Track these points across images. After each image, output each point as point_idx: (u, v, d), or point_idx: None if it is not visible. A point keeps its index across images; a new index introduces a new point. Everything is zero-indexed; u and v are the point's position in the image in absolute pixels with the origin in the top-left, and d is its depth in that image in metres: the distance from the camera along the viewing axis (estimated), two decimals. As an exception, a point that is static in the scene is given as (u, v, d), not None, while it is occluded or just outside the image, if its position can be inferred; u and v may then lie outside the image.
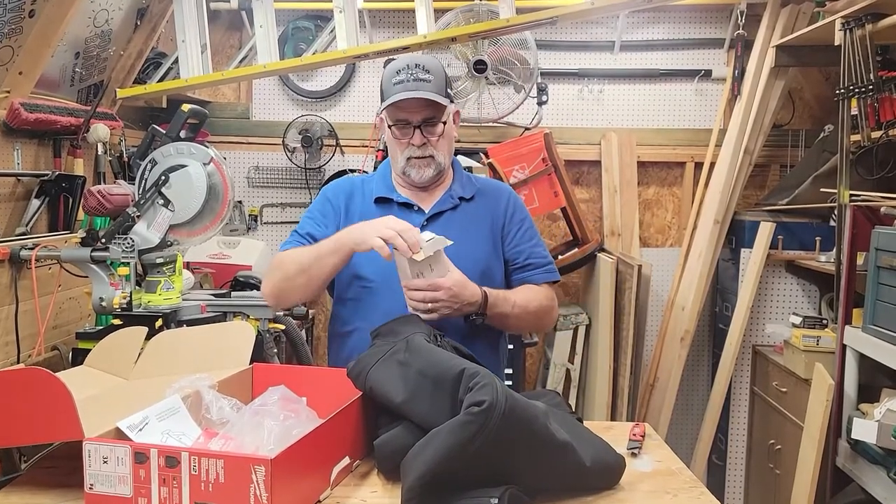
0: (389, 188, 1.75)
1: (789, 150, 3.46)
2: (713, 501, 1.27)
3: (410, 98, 1.60)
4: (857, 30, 2.38)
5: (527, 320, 1.74)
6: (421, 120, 1.64)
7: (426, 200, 1.73)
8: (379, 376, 1.35)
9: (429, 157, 1.67)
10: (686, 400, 3.56)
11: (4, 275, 2.19)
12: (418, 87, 1.60)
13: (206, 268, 3.20)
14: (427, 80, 1.61)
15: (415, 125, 1.64)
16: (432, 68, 1.64)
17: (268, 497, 1.04)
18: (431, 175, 1.69)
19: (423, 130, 1.64)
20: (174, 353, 1.62)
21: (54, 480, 1.27)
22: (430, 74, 1.62)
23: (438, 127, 1.65)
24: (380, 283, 1.66)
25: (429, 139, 1.65)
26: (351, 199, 1.76)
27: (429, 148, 1.66)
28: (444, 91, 1.65)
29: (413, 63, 1.63)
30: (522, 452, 1.19)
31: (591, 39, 3.57)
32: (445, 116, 1.66)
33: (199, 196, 2.15)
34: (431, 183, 1.72)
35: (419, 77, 1.61)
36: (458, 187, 1.75)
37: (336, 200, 1.76)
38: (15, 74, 2.36)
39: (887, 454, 2.04)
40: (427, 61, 1.65)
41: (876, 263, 2.12)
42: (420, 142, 1.65)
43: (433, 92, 1.61)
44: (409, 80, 1.61)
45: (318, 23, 3.47)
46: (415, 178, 1.69)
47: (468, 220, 1.72)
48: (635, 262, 3.03)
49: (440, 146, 1.67)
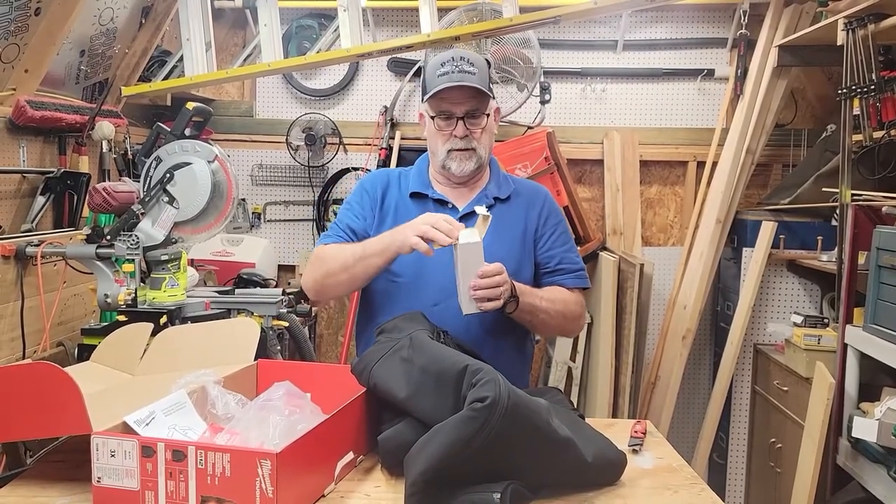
0: (425, 183, 1.75)
1: (791, 149, 3.47)
2: (714, 498, 1.28)
3: (455, 89, 1.61)
4: (860, 30, 2.38)
5: (555, 318, 1.69)
6: (465, 111, 1.64)
7: (461, 198, 1.74)
8: (382, 372, 1.36)
9: (471, 150, 1.67)
10: (687, 398, 3.56)
11: (10, 271, 2.20)
12: (463, 79, 1.61)
13: (210, 265, 3.22)
14: (472, 73, 1.62)
15: (458, 116, 1.65)
16: (476, 62, 1.65)
17: (273, 491, 1.05)
18: (472, 168, 1.69)
19: (467, 122, 1.65)
20: (179, 349, 1.64)
21: (62, 474, 1.28)
22: (474, 67, 1.63)
23: (482, 119, 1.66)
24: (408, 280, 1.67)
25: (472, 131, 1.66)
26: (388, 189, 1.77)
27: (472, 140, 1.66)
28: (487, 85, 1.66)
29: (458, 56, 1.64)
30: (525, 448, 1.20)
31: (594, 39, 3.57)
32: (489, 109, 1.67)
33: (203, 194, 2.16)
34: (470, 178, 1.72)
35: (464, 69, 1.62)
36: (494, 187, 1.75)
37: (373, 191, 1.77)
38: (21, 72, 2.37)
39: (888, 453, 2.04)
40: (471, 55, 1.66)
41: (877, 263, 2.12)
42: (463, 133, 1.65)
43: (479, 83, 1.62)
44: (455, 72, 1.61)
45: (322, 21, 3.48)
46: (455, 170, 1.69)
47: (501, 221, 1.70)
48: (637, 260, 3.03)
49: (482, 139, 1.68)
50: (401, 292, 1.68)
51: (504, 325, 1.66)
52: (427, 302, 1.62)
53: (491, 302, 1.50)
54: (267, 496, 1.05)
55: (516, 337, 1.74)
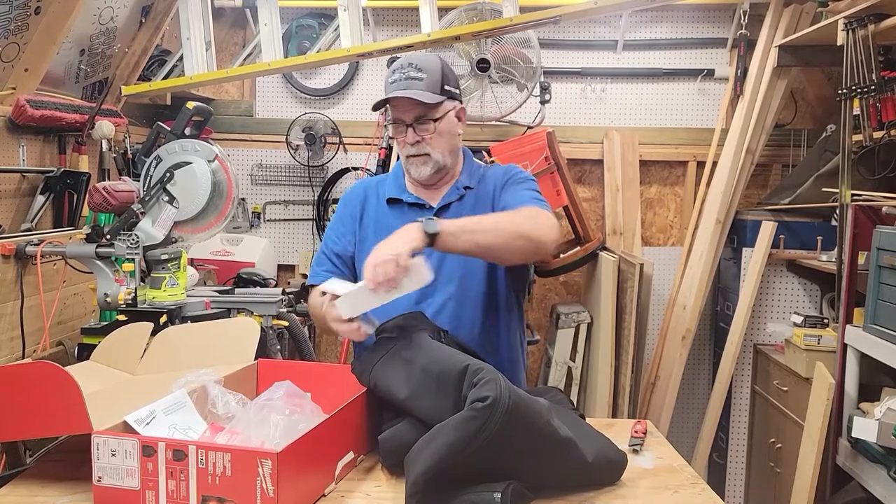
0: (401, 188, 1.76)
1: (791, 149, 3.47)
2: (714, 497, 1.28)
3: (399, 97, 1.61)
4: (860, 30, 2.38)
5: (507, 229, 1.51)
6: (413, 118, 1.64)
7: (434, 196, 1.74)
8: (383, 372, 1.36)
9: (424, 155, 1.66)
10: (687, 398, 3.57)
11: (10, 270, 2.20)
12: (408, 86, 1.61)
13: (210, 264, 3.22)
14: (418, 79, 1.61)
15: (408, 123, 1.65)
16: (426, 66, 1.63)
17: (274, 490, 1.05)
18: (429, 173, 1.68)
19: (416, 129, 1.65)
20: (180, 348, 1.64)
21: (62, 473, 1.28)
22: (422, 73, 1.62)
23: (429, 125, 1.64)
24: None
25: (423, 137, 1.65)
26: (366, 202, 1.78)
27: (423, 146, 1.66)
28: (440, 88, 1.64)
29: (407, 62, 1.64)
30: (525, 448, 1.20)
31: (594, 38, 3.57)
32: (440, 113, 1.65)
33: (203, 193, 2.16)
34: (433, 181, 1.72)
35: (410, 76, 1.61)
36: (465, 178, 1.75)
37: (352, 207, 1.78)
38: (20, 71, 2.37)
39: (887, 453, 2.04)
40: (422, 59, 1.65)
41: (877, 263, 2.12)
42: (413, 140, 1.65)
43: (422, 90, 1.61)
44: (401, 80, 1.62)
45: (322, 21, 3.48)
46: (414, 175, 1.70)
47: (472, 208, 1.71)
48: (637, 260, 3.03)
49: (435, 144, 1.66)
50: None
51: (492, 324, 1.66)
52: (412, 300, 1.62)
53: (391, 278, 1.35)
54: (268, 496, 1.05)
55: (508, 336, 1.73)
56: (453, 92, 1.69)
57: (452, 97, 1.68)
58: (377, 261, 1.35)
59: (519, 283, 1.76)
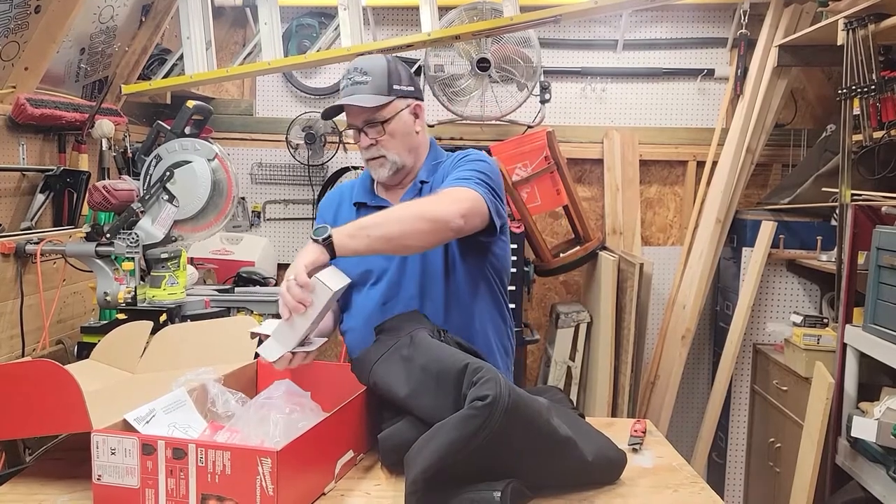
0: (367, 191, 1.76)
1: (791, 149, 3.47)
2: (713, 496, 1.28)
3: (347, 104, 1.62)
4: (860, 30, 2.38)
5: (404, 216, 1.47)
6: (363, 122, 1.64)
7: (397, 196, 1.73)
8: (383, 371, 1.36)
9: (380, 158, 1.66)
10: (686, 398, 3.57)
11: (9, 269, 2.20)
12: (353, 92, 1.61)
13: (210, 263, 3.21)
14: (363, 83, 1.61)
15: (359, 128, 1.65)
16: (371, 69, 1.62)
17: (274, 489, 1.05)
18: (387, 174, 1.67)
19: (368, 132, 1.64)
20: (179, 347, 1.64)
21: (62, 472, 1.28)
22: (366, 76, 1.61)
23: (378, 127, 1.63)
24: (357, 282, 1.67)
25: (376, 139, 1.64)
26: (340, 208, 1.78)
27: (377, 148, 1.65)
28: (387, 89, 1.62)
29: (353, 67, 1.64)
30: (525, 447, 1.20)
31: (595, 38, 3.57)
32: (389, 114, 1.63)
33: (203, 192, 2.16)
34: (396, 181, 1.71)
35: (356, 80, 1.61)
36: (424, 172, 1.73)
37: (327, 216, 1.79)
38: (20, 70, 2.37)
39: (887, 452, 2.04)
40: (367, 62, 1.64)
41: (877, 263, 2.12)
42: (366, 143, 1.65)
43: (367, 94, 1.60)
44: (348, 86, 1.62)
45: (323, 20, 3.48)
46: (375, 177, 1.71)
47: None
48: (637, 260, 3.04)
49: (389, 144, 1.65)
50: (352, 295, 1.69)
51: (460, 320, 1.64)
52: (377, 301, 1.64)
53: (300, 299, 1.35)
54: (267, 494, 1.06)
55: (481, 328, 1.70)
56: (404, 90, 1.66)
57: (405, 95, 1.66)
58: (282, 287, 1.36)
59: (485, 273, 1.70)
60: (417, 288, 1.64)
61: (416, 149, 1.72)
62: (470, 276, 1.68)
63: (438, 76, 3.29)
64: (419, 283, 1.64)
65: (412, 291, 1.64)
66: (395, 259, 1.63)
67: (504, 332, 1.76)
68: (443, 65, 3.31)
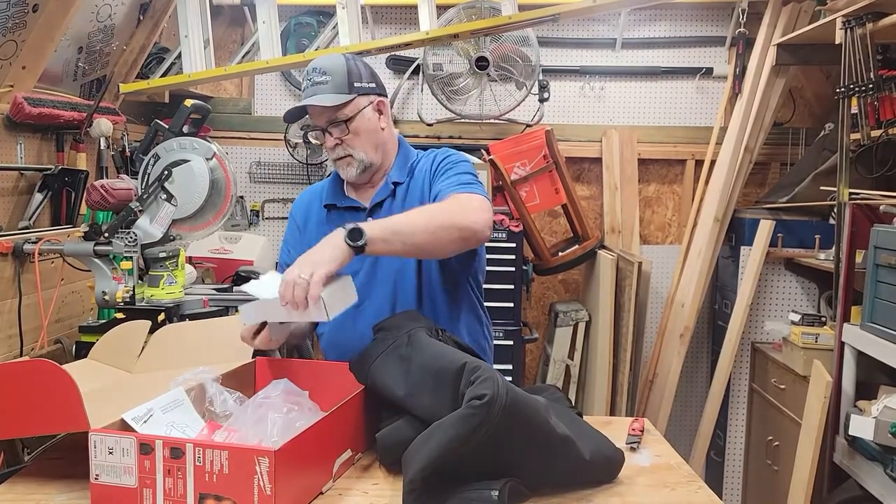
0: (337, 192, 1.74)
1: (789, 148, 3.47)
2: (711, 495, 1.28)
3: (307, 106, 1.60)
4: (858, 28, 2.38)
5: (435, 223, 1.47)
6: (326, 122, 1.62)
7: (367, 196, 1.71)
8: (381, 370, 1.36)
9: (347, 157, 1.64)
10: (685, 396, 3.57)
11: (8, 268, 2.20)
12: (314, 92, 1.59)
13: (208, 262, 3.21)
14: (323, 83, 1.59)
15: (323, 128, 1.63)
16: (329, 68, 1.60)
17: (272, 488, 1.05)
18: (356, 173, 1.65)
19: (332, 132, 1.63)
20: (178, 346, 1.64)
21: (60, 471, 1.28)
22: (326, 76, 1.59)
23: (342, 126, 1.61)
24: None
25: (341, 139, 1.62)
26: (309, 210, 1.77)
27: (343, 148, 1.63)
28: (347, 87, 1.60)
29: (311, 68, 1.62)
30: (523, 446, 1.20)
31: (593, 37, 3.57)
32: (351, 112, 1.61)
33: (201, 191, 2.15)
34: (365, 180, 1.70)
35: (315, 81, 1.60)
36: (395, 172, 1.71)
37: (298, 218, 1.78)
38: (18, 69, 2.36)
39: (884, 451, 2.05)
40: (325, 62, 1.62)
41: (875, 261, 2.13)
42: (332, 144, 1.63)
43: (327, 93, 1.59)
44: (309, 87, 1.60)
45: (321, 18, 3.48)
46: (344, 177, 1.69)
47: (403, 203, 1.67)
48: (635, 259, 3.04)
49: (355, 143, 1.63)
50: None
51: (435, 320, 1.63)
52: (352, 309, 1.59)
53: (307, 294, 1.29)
54: (265, 493, 1.06)
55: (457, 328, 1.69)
56: (366, 87, 1.64)
57: (366, 92, 1.64)
58: (292, 277, 1.30)
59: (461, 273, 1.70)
60: (391, 290, 1.63)
61: (383, 145, 1.70)
62: (444, 277, 1.67)
63: (437, 75, 3.29)
64: (393, 286, 1.63)
65: (387, 293, 1.63)
66: (367, 259, 1.60)
67: (480, 331, 1.75)
68: (441, 63, 3.31)
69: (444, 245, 1.48)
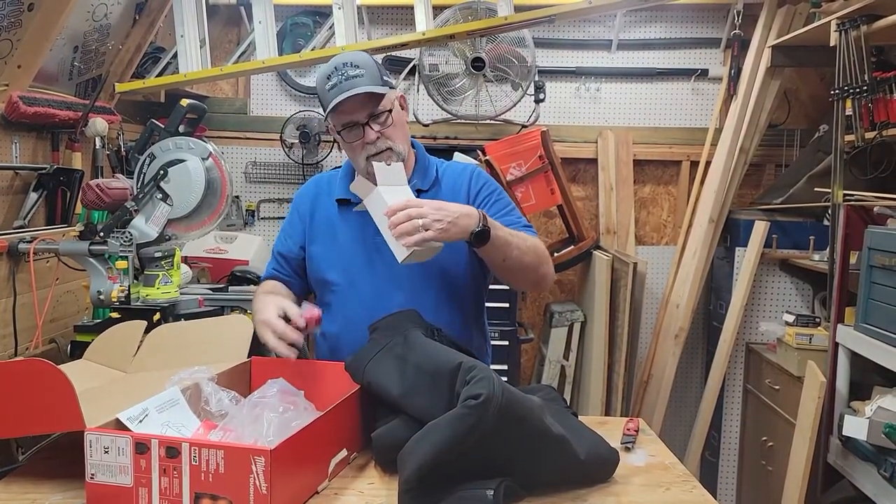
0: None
1: (784, 149, 3.48)
2: (705, 495, 1.29)
3: (349, 98, 1.56)
4: (853, 31, 2.39)
5: (528, 255, 1.57)
6: (367, 116, 1.59)
7: None
8: (377, 370, 1.36)
9: (387, 150, 1.61)
10: (680, 397, 3.58)
11: (2, 268, 2.19)
12: (352, 85, 1.56)
13: (203, 262, 3.21)
14: (359, 76, 1.57)
15: (363, 123, 1.60)
16: (361, 62, 1.60)
17: (267, 487, 1.05)
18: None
19: (373, 125, 1.60)
20: (173, 346, 1.64)
21: (55, 471, 1.28)
22: (360, 69, 1.58)
23: (385, 117, 1.61)
24: (345, 287, 1.67)
25: (382, 132, 1.60)
26: (317, 201, 1.75)
27: (384, 140, 1.61)
28: (380, 80, 1.60)
29: (341, 63, 1.59)
30: (518, 446, 1.21)
31: (589, 38, 3.58)
32: (389, 104, 1.61)
33: (197, 191, 2.16)
34: None
35: (350, 75, 1.57)
36: (418, 179, 1.70)
37: (302, 207, 1.76)
38: (13, 68, 2.36)
39: (878, 451, 2.06)
40: (354, 57, 1.61)
41: (868, 262, 2.14)
42: (374, 137, 1.60)
43: (368, 84, 1.57)
44: (342, 81, 1.57)
45: (317, 19, 3.48)
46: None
47: None
48: (631, 259, 3.04)
49: (394, 135, 1.62)
50: (337, 300, 1.69)
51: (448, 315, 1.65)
52: (363, 303, 1.63)
53: (414, 236, 1.38)
54: (261, 493, 1.06)
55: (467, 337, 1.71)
56: (391, 81, 1.66)
57: (392, 86, 1.65)
58: (419, 212, 1.39)
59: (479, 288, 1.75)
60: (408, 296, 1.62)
61: (408, 140, 1.71)
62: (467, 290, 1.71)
63: (433, 75, 3.29)
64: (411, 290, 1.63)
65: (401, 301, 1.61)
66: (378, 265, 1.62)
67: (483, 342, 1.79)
68: (437, 64, 3.32)
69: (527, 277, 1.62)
